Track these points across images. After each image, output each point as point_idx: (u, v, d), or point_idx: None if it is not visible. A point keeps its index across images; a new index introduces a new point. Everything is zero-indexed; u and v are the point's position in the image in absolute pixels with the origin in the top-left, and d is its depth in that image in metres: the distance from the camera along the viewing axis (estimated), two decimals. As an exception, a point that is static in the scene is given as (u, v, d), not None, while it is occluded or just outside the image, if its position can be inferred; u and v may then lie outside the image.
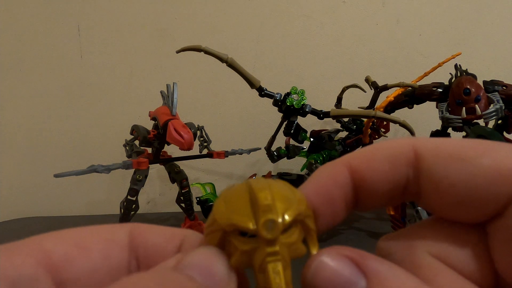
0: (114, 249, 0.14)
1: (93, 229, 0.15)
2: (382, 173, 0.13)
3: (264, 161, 0.77)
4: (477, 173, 0.12)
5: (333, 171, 0.14)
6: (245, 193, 0.13)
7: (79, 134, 0.82)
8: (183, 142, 0.50)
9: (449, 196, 0.13)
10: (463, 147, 0.13)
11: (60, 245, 0.13)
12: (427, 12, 0.82)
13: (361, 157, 0.14)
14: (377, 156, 0.14)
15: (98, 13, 0.80)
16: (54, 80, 0.81)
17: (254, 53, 0.81)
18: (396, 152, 0.13)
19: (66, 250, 0.13)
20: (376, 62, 0.82)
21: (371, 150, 0.14)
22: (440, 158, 0.13)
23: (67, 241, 0.14)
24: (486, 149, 0.12)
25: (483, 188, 0.12)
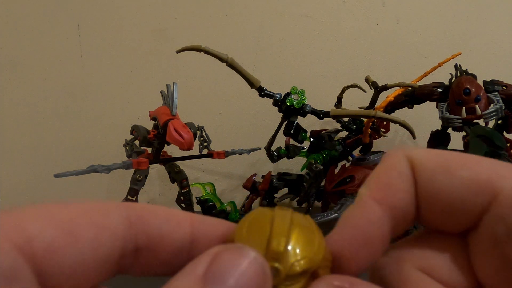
0: (105, 237, 0.12)
1: (84, 209, 0.12)
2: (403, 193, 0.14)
3: (264, 161, 0.77)
4: (457, 184, 0.13)
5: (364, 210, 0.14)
6: (267, 227, 0.13)
7: (79, 134, 0.82)
8: (183, 142, 0.50)
9: (433, 205, 0.13)
10: (447, 159, 0.13)
11: (45, 229, 0.11)
12: (427, 12, 0.82)
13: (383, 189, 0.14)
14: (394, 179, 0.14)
15: (98, 13, 0.80)
16: (54, 80, 0.81)
17: (254, 53, 0.81)
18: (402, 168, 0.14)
19: (52, 236, 0.11)
20: (376, 62, 0.82)
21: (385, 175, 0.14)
22: (427, 168, 0.13)
23: (53, 224, 0.11)
24: (467, 161, 0.13)
25: (462, 198, 0.13)
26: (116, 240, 0.13)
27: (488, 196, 0.12)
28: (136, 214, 0.13)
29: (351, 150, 0.60)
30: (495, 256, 0.12)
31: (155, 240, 0.13)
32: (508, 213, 0.12)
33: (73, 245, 0.11)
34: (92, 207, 0.13)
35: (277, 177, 0.57)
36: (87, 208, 0.12)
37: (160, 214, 0.14)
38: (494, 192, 0.12)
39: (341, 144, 0.59)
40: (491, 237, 0.12)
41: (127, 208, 0.13)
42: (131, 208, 0.13)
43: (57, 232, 0.11)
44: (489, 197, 0.12)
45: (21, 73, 0.81)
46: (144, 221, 0.13)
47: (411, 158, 0.14)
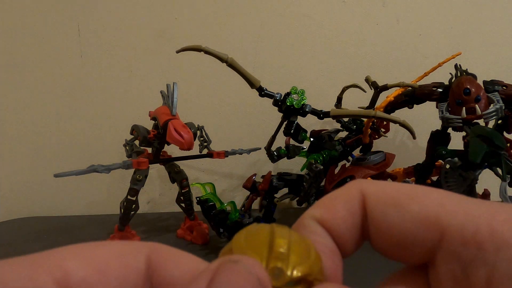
0: (131, 277, 0.13)
1: (115, 250, 0.14)
2: (344, 220, 0.14)
3: (264, 161, 0.77)
4: (407, 219, 0.13)
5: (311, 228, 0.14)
6: (266, 235, 0.13)
7: (79, 134, 0.82)
8: (183, 142, 0.50)
9: (388, 239, 0.14)
10: (399, 193, 0.14)
11: (81, 267, 0.13)
12: (427, 12, 0.82)
13: (324, 210, 0.14)
14: (337, 206, 0.14)
15: (98, 13, 0.80)
16: (54, 80, 0.81)
17: (254, 53, 0.81)
18: (350, 198, 0.14)
19: (86, 274, 0.13)
20: (376, 62, 0.82)
21: (330, 201, 0.15)
22: (379, 202, 0.14)
23: (88, 263, 0.13)
24: (417, 195, 0.13)
25: (412, 233, 0.13)
26: (139, 280, 0.13)
27: (436, 232, 0.13)
28: (156, 256, 0.14)
29: (351, 150, 0.60)
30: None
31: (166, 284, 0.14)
32: (459, 250, 0.12)
33: (103, 282, 0.13)
34: (121, 247, 0.14)
35: (277, 177, 0.57)
36: (117, 248, 0.14)
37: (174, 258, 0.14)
38: (442, 228, 0.12)
39: (341, 144, 0.59)
40: (447, 273, 0.13)
41: (150, 248, 0.14)
42: (153, 248, 0.14)
43: (90, 269, 0.13)
44: (438, 232, 0.13)
45: (21, 73, 0.81)
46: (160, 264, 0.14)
47: (364, 191, 0.14)
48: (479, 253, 0.12)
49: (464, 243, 0.12)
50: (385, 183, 0.14)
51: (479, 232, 0.12)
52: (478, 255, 0.12)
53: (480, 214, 0.12)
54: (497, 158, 0.46)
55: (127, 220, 0.57)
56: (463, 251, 0.12)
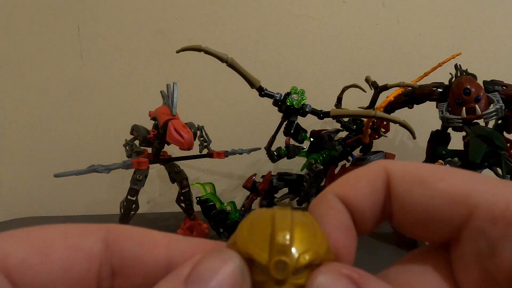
0: (80, 258, 0.13)
1: (61, 232, 0.13)
2: (366, 198, 0.14)
3: (264, 161, 0.77)
4: (434, 196, 0.13)
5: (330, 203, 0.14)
6: (268, 225, 0.13)
7: (79, 134, 0.82)
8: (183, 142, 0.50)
9: (412, 217, 0.14)
10: (425, 172, 0.14)
11: (20, 248, 0.12)
12: (427, 12, 0.82)
13: (346, 186, 0.15)
14: (360, 183, 0.14)
15: (98, 13, 0.80)
16: (54, 80, 0.81)
17: (254, 53, 0.81)
18: (374, 177, 0.14)
19: (25, 254, 0.12)
20: (376, 62, 0.82)
21: (353, 178, 0.15)
22: (405, 181, 0.14)
23: (28, 244, 0.12)
24: (444, 174, 0.13)
25: (439, 211, 0.13)
26: (92, 261, 0.13)
27: (465, 210, 0.13)
28: (114, 236, 0.14)
29: (351, 150, 0.60)
30: (477, 270, 0.12)
31: (129, 263, 0.13)
32: (488, 228, 0.12)
33: (46, 263, 0.12)
34: (69, 230, 0.13)
35: (277, 177, 0.57)
36: (63, 230, 0.13)
37: (135, 237, 0.14)
38: (471, 206, 0.12)
39: (341, 144, 0.59)
40: (472, 251, 0.13)
41: (105, 229, 0.14)
42: (109, 229, 0.14)
43: (30, 250, 0.12)
44: (466, 211, 0.13)
45: (21, 73, 0.81)
46: (120, 243, 0.13)
47: (388, 170, 0.14)
48: (508, 230, 0.12)
49: (493, 221, 0.12)
50: (409, 163, 0.14)
51: (509, 210, 0.12)
52: (507, 232, 0.12)
53: (510, 192, 0.12)
54: (497, 158, 0.46)
55: (127, 220, 0.57)
56: (492, 229, 0.12)
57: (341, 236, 0.14)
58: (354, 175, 0.15)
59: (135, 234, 0.14)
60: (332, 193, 0.15)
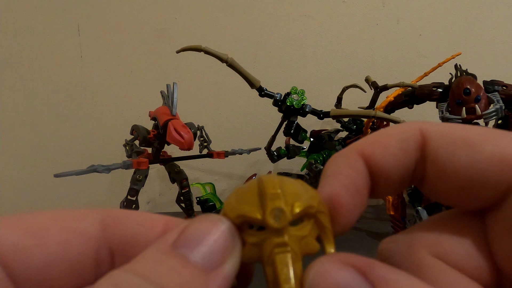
0: (76, 240, 0.12)
1: (55, 216, 0.13)
2: (395, 158, 0.13)
3: (264, 161, 0.77)
4: (480, 159, 0.12)
5: (350, 161, 0.13)
6: (254, 186, 0.13)
7: (79, 134, 0.82)
8: (183, 142, 0.50)
9: (452, 181, 0.13)
10: (469, 133, 0.12)
11: (11, 232, 0.12)
12: (427, 12, 0.82)
13: (374, 144, 0.13)
14: (390, 142, 0.13)
15: (98, 13, 0.80)
16: (54, 79, 0.81)
17: (254, 53, 0.81)
18: (406, 136, 0.13)
19: (18, 238, 0.12)
20: (376, 62, 0.82)
21: (383, 136, 0.14)
22: (446, 142, 0.13)
23: (20, 228, 0.12)
24: (491, 137, 0.12)
25: (485, 175, 0.12)
26: (89, 243, 0.13)
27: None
28: (111, 218, 0.13)
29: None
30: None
31: (128, 243, 0.13)
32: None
33: (40, 247, 0.12)
34: (64, 214, 0.13)
35: (277, 177, 0.57)
36: (58, 214, 0.13)
37: (133, 217, 0.14)
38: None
39: (341, 144, 0.59)
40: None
41: (102, 212, 0.13)
42: (106, 212, 0.13)
43: (23, 234, 0.12)
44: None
45: (21, 73, 0.81)
46: (118, 224, 0.13)
47: (425, 131, 0.13)
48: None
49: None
50: (447, 124, 0.13)
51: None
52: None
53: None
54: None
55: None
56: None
57: (346, 197, 0.13)
58: (384, 134, 0.14)
59: (132, 216, 0.14)
60: (355, 152, 0.13)
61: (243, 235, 0.12)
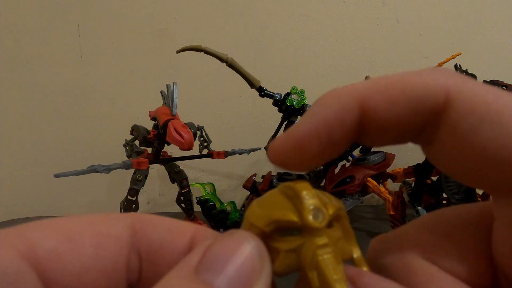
0: (109, 245, 0.12)
1: (87, 220, 0.12)
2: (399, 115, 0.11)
3: (264, 161, 0.77)
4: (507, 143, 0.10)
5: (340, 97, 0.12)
6: (279, 193, 0.12)
7: (79, 134, 0.82)
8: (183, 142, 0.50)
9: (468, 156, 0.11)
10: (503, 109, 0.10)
11: (47, 237, 0.11)
12: (427, 12, 0.82)
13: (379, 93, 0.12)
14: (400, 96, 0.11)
15: (98, 13, 0.80)
16: (54, 79, 0.81)
17: (254, 53, 0.81)
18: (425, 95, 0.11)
19: (54, 243, 0.11)
20: (376, 62, 0.82)
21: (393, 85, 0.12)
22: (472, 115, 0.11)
23: (55, 233, 0.11)
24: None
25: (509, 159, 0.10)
26: (121, 248, 0.12)
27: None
28: (140, 223, 0.13)
29: (351, 150, 0.60)
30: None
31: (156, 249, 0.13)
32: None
33: (75, 251, 0.11)
34: (95, 217, 0.13)
35: (277, 177, 0.57)
36: (90, 219, 0.13)
37: (162, 224, 0.13)
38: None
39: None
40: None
41: (132, 217, 0.13)
42: (135, 217, 0.13)
43: (59, 239, 0.11)
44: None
45: (21, 73, 0.81)
46: (147, 229, 0.13)
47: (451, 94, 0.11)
48: None
49: None
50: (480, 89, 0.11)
51: None
52: None
53: None
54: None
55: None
56: None
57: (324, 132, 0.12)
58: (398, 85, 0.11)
59: (161, 221, 0.13)
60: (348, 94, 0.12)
61: (275, 244, 0.11)
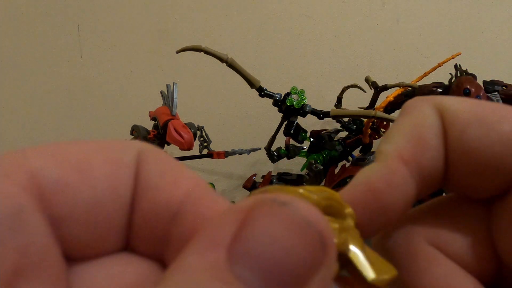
0: (122, 173, 0.10)
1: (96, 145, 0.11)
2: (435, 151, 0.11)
3: (264, 161, 0.77)
4: (494, 139, 0.10)
5: (390, 170, 0.11)
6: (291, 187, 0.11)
7: (79, 134, 0.82)
8: (183, 142, 0.50)
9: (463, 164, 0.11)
10: (485, 110, 0.11)
11: (52, 165, 0.09)
12: (427, 12, 0.81)
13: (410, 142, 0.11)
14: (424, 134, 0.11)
15: (98, 13, 0.80)
16: (54, 80, 0.81)
17: (254, 53, 0.81)
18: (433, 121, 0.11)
19: (61, 172, 0.09)
20: (376, 62, 0.82)
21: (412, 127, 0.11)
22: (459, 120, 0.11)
23: (62, 159, 0.10)
24: (508, 114, 0.11)
25: (499, 157, 0.11)
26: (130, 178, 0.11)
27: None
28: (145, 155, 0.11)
29: (351, 150, 0.60)
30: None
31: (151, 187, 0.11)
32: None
33: (86, 181, 0.10)
34: (106, 142, 0.11)
35: (277, 177, 0.57)
36: (100, 144, 0.11)
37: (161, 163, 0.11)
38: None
39: (341, 144, 0.59)
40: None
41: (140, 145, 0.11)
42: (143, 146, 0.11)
43: (65, 166, 0.10)
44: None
45: (21, 73, 0.81)
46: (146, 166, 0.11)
47: (441, 108, 0.11)
48: None
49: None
50: (464, 99, 0.12)
51: None
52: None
53: None
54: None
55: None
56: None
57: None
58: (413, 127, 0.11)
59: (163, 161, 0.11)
60: (398, 158, 0.11)
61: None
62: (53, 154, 0.10)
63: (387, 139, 0.12)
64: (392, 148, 0.11)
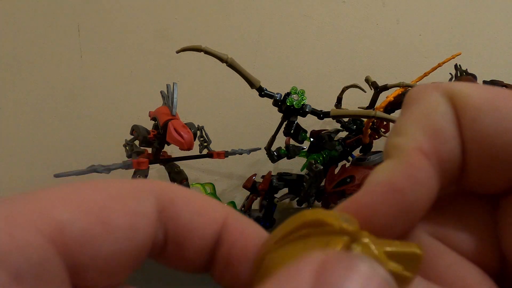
0: (141, 225, 0.10)
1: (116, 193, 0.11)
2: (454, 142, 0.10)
3: (264, 161, 0.77)
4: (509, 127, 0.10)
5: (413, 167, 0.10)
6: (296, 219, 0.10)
7: (79, 134, 0.82)
8: (183, 142, 0.50)
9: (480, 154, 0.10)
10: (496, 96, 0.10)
11: (76, 216, 0.10)
12: (427, 12, 0.82)
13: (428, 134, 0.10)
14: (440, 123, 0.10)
15: (98, 13, 0.80)
16: (54, 80, 0.81)
17: (254, 53, 0.81)
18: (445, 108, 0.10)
19: (85, 225, 0.10)
20: (376, 62, 0.82)
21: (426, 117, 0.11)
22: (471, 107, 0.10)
23: (85, 210, 0.10)
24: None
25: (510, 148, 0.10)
26: (151, 227, 0.11)
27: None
28: (169, 198, 0.11)
29: (351, 150, 0.60)
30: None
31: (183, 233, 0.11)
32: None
33: (108, 233, 0.10)
34: (124, 190, 0.11)
35: (277, 177, 0.57)
36: (119, 191, 0.11)
37: (193, 203, 0.11)
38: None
39: (341, 144, 0.59)
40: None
41: (160, 188, 0.11)
42: (164, 189, 0.11)
43: (90, 219, 0.10)
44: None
45: (21, 73, 0.81)
46: (176, 208, 0.11)
47: (451, 94, 0.10)
48: None
49: None
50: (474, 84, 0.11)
51: None
52: None
53: None
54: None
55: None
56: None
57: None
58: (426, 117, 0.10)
59: (190, 199, 0.11)
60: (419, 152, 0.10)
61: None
62: (75, 202, 0.10)
63: (398, 131, 0.11)
64: (408, 141, 0.10)
